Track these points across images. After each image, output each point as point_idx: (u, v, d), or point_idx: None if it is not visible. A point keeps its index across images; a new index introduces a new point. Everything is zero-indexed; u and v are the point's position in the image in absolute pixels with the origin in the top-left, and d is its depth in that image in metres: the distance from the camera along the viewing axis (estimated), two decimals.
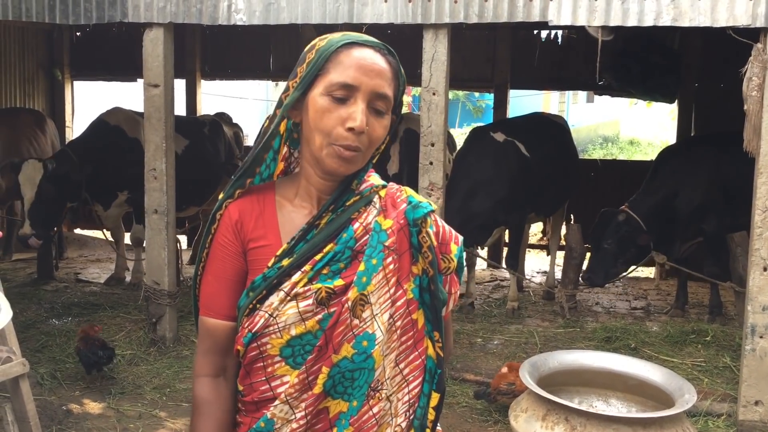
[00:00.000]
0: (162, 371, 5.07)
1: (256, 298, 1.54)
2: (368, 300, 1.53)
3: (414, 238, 1.58)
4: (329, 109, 1.49)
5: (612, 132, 23.69)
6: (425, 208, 1.60)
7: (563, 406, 2.84)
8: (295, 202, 1.60)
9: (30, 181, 6.10)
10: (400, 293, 1.57)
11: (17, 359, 3.49)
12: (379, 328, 1.54)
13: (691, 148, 6.69)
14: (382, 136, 1.54)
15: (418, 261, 1.58)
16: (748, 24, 4.22)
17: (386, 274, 1.55)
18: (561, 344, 5.65)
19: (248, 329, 1.54)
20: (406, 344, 1.59)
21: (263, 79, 10.68)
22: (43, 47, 9.46)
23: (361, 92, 1.48)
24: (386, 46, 1.55)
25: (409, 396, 1.60)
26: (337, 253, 1.53)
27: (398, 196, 1.62)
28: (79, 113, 10.07)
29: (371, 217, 1.57)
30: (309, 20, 4.88)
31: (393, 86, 1.53)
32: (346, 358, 1.51)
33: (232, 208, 1.61)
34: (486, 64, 8.84)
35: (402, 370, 1.59)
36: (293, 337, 1.52)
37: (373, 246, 1.54)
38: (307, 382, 1.52)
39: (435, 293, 1.59)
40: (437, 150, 4.83)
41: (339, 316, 1.51)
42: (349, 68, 1.48)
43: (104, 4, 5.14)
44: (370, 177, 1.63)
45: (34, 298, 6.63)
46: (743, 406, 4.34)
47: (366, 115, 1.49)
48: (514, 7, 4.55)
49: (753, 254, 4.30)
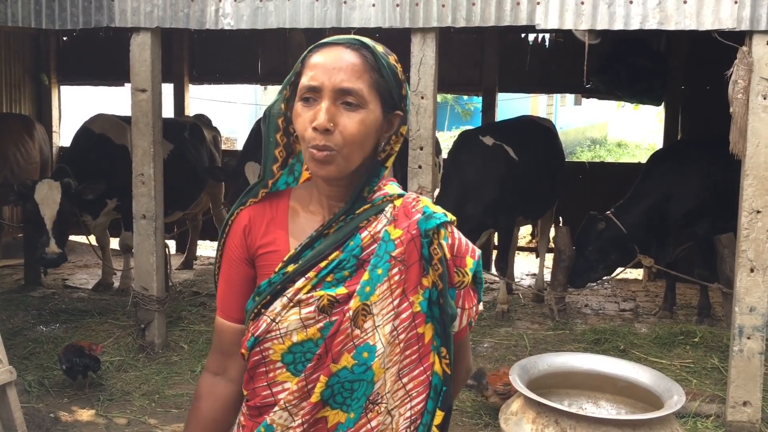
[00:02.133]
0: (151, 377, 5.04)
1: (261, 302, 1.54)
2: (370, 310, 1.50)
3: (425, 249, 1.54)
4: (300, 113, 1.50)
5: (600, 134, 23.81)
6: (439, 219, 1.55)
7: (553, 408, 2.85)
8: (308, 209, 1.59)
9: (50, 201, 6.06)
10: (406, 305, 1.53)
11: (4, 367, 3.47)
12: (380, 340, 1.51)
13: (681, 152, 6.72)
14: (358, 132, 1.48)
15: (428, 273, 1.54)
16: (734, 27, 4.25)
17: (391, 285, 1.52)
18: (550, 347, 5.66)
19: (252, 333, 1.54)
20: (410, 358, 1.55)
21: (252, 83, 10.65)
22: (29, 52, 9.40)
23: (324, 91, 1.47)
24: (360, 40, 1.52)
25: (411, 412, 1.56)
26: (342, 261, 1.52)
27: (413, 206, 1.58)
28: (66, 118, 10.02)
29: (380, 226, 1.54)
30: (297, 24, 4.87)
31: (368, 78, 1.48)
32: (346, 368, 1.49)
33: (243, 215, 1.61)
34: (474, 67, 8.86)
35: (405, 385, 1.55)
36: (295, 343, 1.51)
37: (379, 256, 1.52)
38: (306, 390, 1.51)
39: (444, 307, 1.55)
40: (426, 153, 4.83)
41: (340, 325, 1.49)
42: (312, 70, 1.48)
43: (91, 9, 5.12)
44: (385, 186, 1.59)
45: (21, 305, 6.58)
46: (732, 407, 4.37)
47: (334, 112, 1.46)
48: (501, 10, 4.57)
49: (740, 256, 4.33)
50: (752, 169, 4.26)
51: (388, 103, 1.53)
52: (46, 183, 6.15)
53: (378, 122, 1.52)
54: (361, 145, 1.50)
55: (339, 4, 4.75)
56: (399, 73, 1.54)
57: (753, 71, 4.20)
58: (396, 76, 1.53)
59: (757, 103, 4.22)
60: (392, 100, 1.53)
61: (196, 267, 8.43)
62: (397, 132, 1.56)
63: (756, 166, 4.25)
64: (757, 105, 4.22)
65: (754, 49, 4.21)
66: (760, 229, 4.26)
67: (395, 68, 1.53)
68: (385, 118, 1.53)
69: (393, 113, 1.55)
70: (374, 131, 1.52)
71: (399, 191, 1.60)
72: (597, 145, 22.03)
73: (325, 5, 4.77)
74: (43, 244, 6.04)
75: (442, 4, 4.61)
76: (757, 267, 4.28)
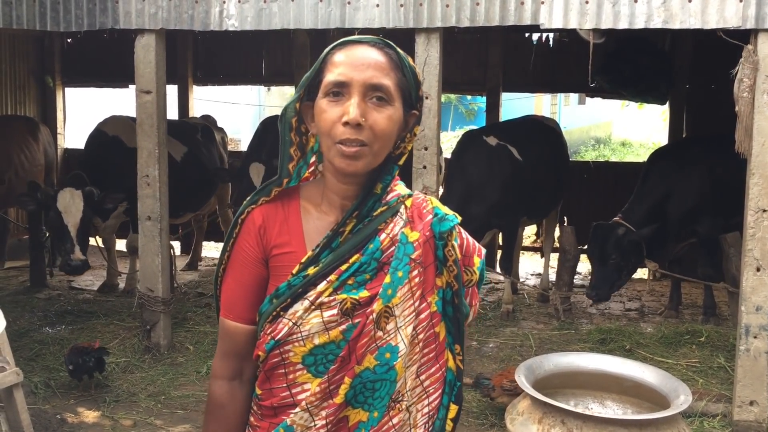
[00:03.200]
0: (157, 378, 5.05)
1: (280, 305, 1.53)
2: (393, 312, 1.52)
3: (440, 251, 1.57)
4: (326, 109, 1.49)
5: (604, 133, 23.77)
6: (451, 221, 1.59)
7: (559, 408, 2.84)
8: (319, 209, 1.59)
9: (73, 209, 6.10)
10: (424, 306, 1.57)
11: (11, 368, 3.47)
12: (402, 340, 1.53)
13: (680, 150, 6.70)
14: (388, 128, 1.49)
15: (442, 274, 1.58)
16: (738, 25, 4.23)
17: (411, 287, 1.54)
18: (556, 346, 5.66)
19: (271, 336, 1.54)
20: (428, 356, 1.60)
21: (255, 84, 10.67)
22: (33, 54, 9.42)
23: (354, 86, 1.47)
24: (384, 40, 1.54)
25: (429, 408, 1.61)
26: (362, 264, 1.53)
27: (424, 206, 1.60)
28: (70, 120, 10.04)
29: (398, 228, 1.56)
30: (301, 25, 4.87)
31: (394, 77, 1.50)
32: (368, 369, 1.51)
33: (255, 213, 1.60)
34: (478, 67, 8.86)
35: (423, 382, 1.60)
36: (316, 346, 1.52)
37: (399, 258, 1.53)
38: (329, 391, 1.52)
39: (458, 306, 1.59)
40: (430, 154, 4.83)
41: (363, 328, 1.51)
42: (339, 66, 1.49)
43: (95, 11, 5.13)
44: (396, 186, 1.61)
45: (27, 306, 6.60)
46: (738, 407, 4.35)
47: (364, 107, 1.47)
48: (505, 10, 4.56)
49: (746, 255, 4.31)
50: (758, 167, 4.25)
51: (408, 103, 1.55)
52: (68, 192, 6.18)
53: (401, 120, 1.54)
54: (389, 142, 1.52)
55: (343, 5, 4.75)
56: (417, 74, 1.56)
57: (758, 69, 4.19)
58: (415, 76, 1.55)
59: (762, 101, 4.20)
60: (411, 99, 1.55)
61: (200, 268, 8.44)
62: (411, 131, 1.58)
63: (762, 164, 4.24)
64: (763, 103, 4.21)
65: (759, 48, 4.20)
66: (766, 228, 4.25)
67: (414, 69, 1.55)
68: (404, 117, 1.55)
69: (410, 113, 1.56)
70: (397, 129, 1.54)
71: (408, 190, 1.62)
72: (601, 145, 22.00)
73: (329, 6, 4.77)
74: (67, 252, 6.09)
75: (446, 4, 4.60)
76: (764, 266, 4.27)
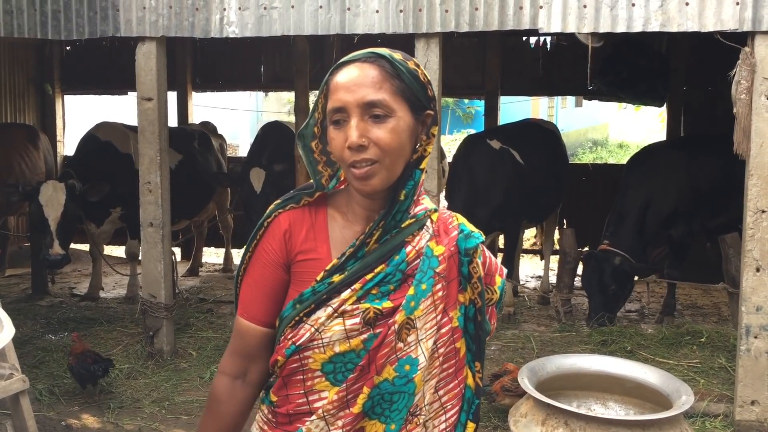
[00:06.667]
0: (160, 384, 5.07)
1: (303, 311, 1.54)
2: (414, 324, 1.53)
3: (464, 267, 1.59)
4: (334, 137, 1.52)
5: (601, 136, 23.83)
6: (477, 239, 1.61)
7: (562, 410, 2.86)
8: (346, 218, 1.60)
9: (54, 202, 6.07)
10: (446, 320, 1.58)
11: (18, 375, 3.50)
12: (422, 353, 1.54)
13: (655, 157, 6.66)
14: (393, 141, 1.49)
15: (465, 290, 1.59)
16: (736, 28, 4.26)
17: (434, 301, 1.55)
18: (557, 348, 5.67)
19: (292, 341, 1.54)
20: (447, 372, 1.60)
21: (254, 90, 10.73)
22: (33, 62, 9.45)
23: (351, 109, 1.48)
24: (375, 52, 1.53)
25: (446, 424, 1.61)
26: (387, 275, 1.53)
27: (450, 222, 1.62)
28: (70, 127, 10.06)
29: (424, 242, 1.57)
30: (301, 32, 4.89)
31: (389, 87, 1.49)
32: (387, 381, 1.52)
33: (282, 218, 1.60)
34: (476, 71, 8.89)
35: (441, 398, 1.60)
36: (336, 353, 1.52)
37: (423, 271, 1.54)
38: (346, 400, 1.52)
39: (480, 324, 1.61)
40: (431, 158, 4.85)
41: (384, 338, 1.51)
42: (335, 92, 1.50)
43: (96, 20, 5.15)
44: (423, 199, 1.61)
45: (29, 314, 6.61)
46: (740, 406, 4.38)
47: (363, 127, 1.47)
48: (504, 15, 4.58)
49: (746, 255, 4.34)
50: (756, 168, 4.28)
51: (416, 106, 1.53)
52: (50, 184, 6.16)
53: (410, 127, 1.53)
54: (401, 153, 1.51)
55: (343, 11, 4.77)
56: (420, 75, 1.54)
57: (756, 72, 4.22)
58: (417, 79, 1.53)
59: (760, 103, 4.24)
60: (419, 102, 1.54)
61: (201, 274, 8.45)
62: (428, 132, 1.56)
63: (760, 165, 4.27)
64: (761, 105, 4.24)
65: (756, 50, 4.23)
66: (766, 229, 4.28)
67: (415, 72, 1.53)
68: (417, 121, 1.54)
69: (424, 114, 1.55)
70: (409, 136, 1.53)
71: (434, 205, 1.64)
72: (598, 147, 22.04)
73: (329, 12, 4.79)
74: (47, 246, 6.05)
75: (445, 10, 4.63)
76: (763, 266, 4.29)
